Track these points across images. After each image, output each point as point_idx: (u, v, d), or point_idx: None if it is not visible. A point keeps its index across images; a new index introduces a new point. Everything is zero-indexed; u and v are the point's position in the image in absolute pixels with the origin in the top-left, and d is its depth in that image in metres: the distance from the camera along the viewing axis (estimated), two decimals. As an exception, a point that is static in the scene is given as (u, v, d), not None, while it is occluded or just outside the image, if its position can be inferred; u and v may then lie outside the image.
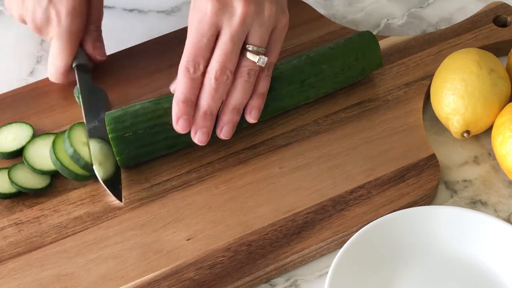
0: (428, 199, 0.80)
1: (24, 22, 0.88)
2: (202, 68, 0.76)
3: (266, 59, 0.77)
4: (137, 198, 0.80)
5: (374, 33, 0.95)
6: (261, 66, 0.78)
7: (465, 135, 0.83)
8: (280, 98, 0.83)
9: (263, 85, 0.80)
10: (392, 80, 0.89)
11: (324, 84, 0.85)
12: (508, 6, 0.94)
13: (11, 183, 0.80)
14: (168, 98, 0.81)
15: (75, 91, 0.87)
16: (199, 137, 0.78)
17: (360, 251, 0.74)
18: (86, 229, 0.78)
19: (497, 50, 0.91)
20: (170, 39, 0.93)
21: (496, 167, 0.83)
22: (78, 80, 0.86)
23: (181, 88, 0.77)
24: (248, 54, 0.77)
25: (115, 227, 0.78)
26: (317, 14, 0.95)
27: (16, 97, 0.89)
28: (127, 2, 1.00)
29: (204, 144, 0.79)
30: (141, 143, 0.80)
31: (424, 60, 0.90)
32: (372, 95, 0.87)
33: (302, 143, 0.84)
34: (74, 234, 0.78)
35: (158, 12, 1.00)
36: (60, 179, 0.81)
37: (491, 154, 0.84)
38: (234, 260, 0.76)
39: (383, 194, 0.79)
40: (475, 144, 0.85)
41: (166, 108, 0.80)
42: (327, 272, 0.73)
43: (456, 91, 0.82)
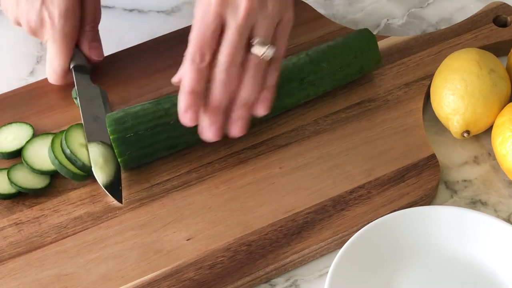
0: (428, 199, 0.80)
1: (19, 25, 0.88)
2: (207, 59, 0.74)
3: (273, 49, 0.76)
4: (137, 198, 0.80)
5: (374, 33, 0.95)
6: (269, 59, 0.77)
7: (465, 135, 0.83)
8: (280, 97, 0.83)
9: (271, 78, 0.78)
10: (392, 80, 0.89)
11: (323, 82, 0.85)
12: (508, 6, 0.94)
13: (11, 183, 0.80)
14: (168, 98, 0.81)
15: (73, 92, 0.87)
16: (209, 133, 0.76)
17: (360, 251, 0.74)
18: (86, 229, 0.78)
19: (497, 50, 0.91)
20: (170, 39, 0.93)
21: (496, 167, 0.83)
22: (75, 81, 0.86)
23: (187, 79, 0.75)
24: (255, 47, 0.76)
25: (115, 227, 0.78)
26: (317, 14, 0.95)
27: (16, 97, 0.89)
28: (127, 2, 1.00)
29: (214, 140, 0.77)
30: (142, 144, 0.80)
31: (424, 60, 0.90)
32: (372, 95, 0.87)
33: (302, 143, 0.84)
34: (74, 234, 0.78)
35: (158, 12, 1.00)
36: (60, 179, 0.81)
37: (491, 154, 0.84)
38: (234, 260, 0.76)
39: (383, 194, 0.79)
40: (475, 144, 0.85)
41: (166, 109, 0.80)
42: (327, 272, 0.73)
43: (456, 91, 0.82)
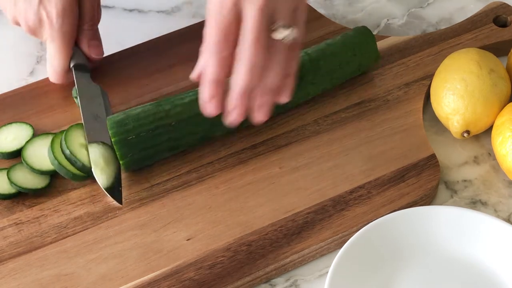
0: (428, 199, 0.80)
1: (18, 24, 0.88)
2: (230, 47, 0.74)
3: (295, 31, 0.75)
4: (137, 198, 0.80)
5: (374, 33, 0.95)
6: (291, 42, 0.75)
7: (465, 135, 0.83)
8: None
9: (293, 65, 0.77)
10: (392, 80, 0.89)
11: (322, 80, 0.85)
12: (508, 6, 0.94)
13: (11, 183, 0.80)
14: (169, 100, 0.81)
15: (73, 91, 0.87)
16: (233, 117, 0.76)
17: (360, 251, 0.74)
18: (86, 229, 0.78)
19: (497, 50, 0.91)
20: (170, 39, 0.93)
21: (496, 167, 0.83)
22: (76, 80, 0.86)
23: (211, 68, 0.74)
24: (277, 31, 0.75)
25: (115, 227, 0.78)
26: (317, 14, 0.95)
27: (16, 97, 0.89)
28: (127, 2, 1.00)
29: (237, 124, 0.77)
30: (143, 145, 0.80)
31: (424, 60, 0.90)
32: (372, 95, 0.87)
33: (302, 143, 0.84)
34: (74, 234, 0.78)
35: (158, 12, 1.00)
36: (60, 179, 0.81)
37: (491, 154, 0.84)
38: (234, 260, 0.76)
39: (383, 194, 0.79)
40: (475, 144, 0.85)
41: (167, 110, 0.80)
42: (327, 272, 0.73)
43: (456, 91, 0.82)
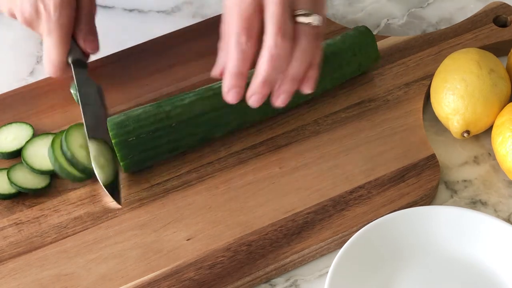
0: (428, 199, 0.80)
1: (13, 16, 0.86)
2: (253, 38, 0.74)
3: (320, 18, 0.75)
4: (137, 198, 0.80)
5: (374, 33, 0.95)
6: (316, 28, 0.75)
7: (465, 135, 0.83)
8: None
9: (317, 54, 0.78)
10: (392, 80, 0.89)
11: (323, 80, 0.84)
12: (508, 6, 0.94)
13: (11, 183, 0.80)
14: (169, 100, 0.81)
15: (71, 87, 0.87)
16: (252, 101, 0.76)
17: (360, 251, 0.74)
18: (86, 229, 0.78)
19: (497, 50, 0.91)
20: (170, 39, 0.93)
21: (496, 167, 0.83)
22: (74, 75, 0.85)
23: (232, 60, 0.74)
24: (300, 19, 0.74)
25: (115, 227, 0.78)
26: (317, 14, 0.95)
27: (16, 97, 0.89)
28: (127, 2, 1.00)
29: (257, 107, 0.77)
30: (144, 147, 0.80)
31: (424, 60, 0.90)
32: (372, 95, 0.87)
33: (302, 143, 0.84)
34: (74, 234, 0.78)
35: (158, 12, 1.00)
36: (60, 179, 0.81)
37: (491, 154, 0.84)
38: (234, 260, 0.76)
39: (383, 194, 0.79)
40: (475, 144, 0.85)
41: (167, 111, 0.80)
42: (327, 272, 0.73)
43: (456, 91, 0.82)
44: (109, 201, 0.80)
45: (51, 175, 0.81)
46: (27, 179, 0.80)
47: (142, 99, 0.87)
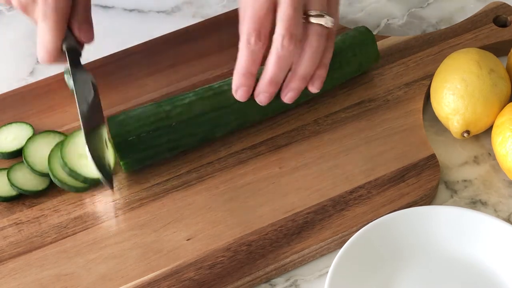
0: (428, 199, 0.80)
1: (8, 2, 0.83)
2: (263, 39, 0.75)
3: (332, 19, 0.76)
4: (137, 198, 0.80)
5: (374, 33, 0.95)
6: (329, 28, 0.76)
7: (465, 135, 0.83)
8: (280, 96, 0.83)
9: (328, 54, 0.79)
10: (392, 80, 0.89)
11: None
12: (508, 6, 0.94)
13: (11, 185, 0.80)
14: (169, 100, 0.81)
15: (65, 74, 0.86)
16: (260, 98, 0.79)
17: (360, 251, 0.74)
18: (86, 229, 0.78)
19: (497, 50, 0.91)
20: (170, 39, 0.93)
21: (496, 167, 0.83)
22: (69, 63, 0.82)
23: (242, 61, 0.76)
24: (313, 19, 0.75)
25: (115, 227, 0.78)
26: (317, 14, 0.95)
27: (16, 97, 0.89)
28: (127, 2, 1.00)
29: (265, 104, 0.80)
30: (144, 146, 0.80)
31: (424, 60, 0.90)
32: (372, 95, 0.87)
33: (302, 143, 0.84)
34: (74, 234, 0.78)
35: (158, 12, 1.00)
36: (60, 179, 0.82)
37: (491, 154, 0.84)
38: (234, 260, 0.76)
39: (383, 194, 0.79)
40: (475, 144, 0.85)
41: (167, 111, 0.80)
42: (327, 272, 0.73)
43: (456, 91, 0.82)
44: (110, 200, 0.80)
45: (51, 175, 0.81)
46: (27, 180, 0.80)
47: (142, 99, 0.87)
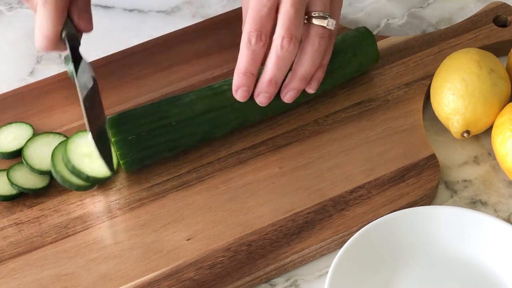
0: (428, 199, 0.80)
1: None
2: (264, 39, 0.75)
3: (334, 21, 0.76)
4: (137, 198, 0.80)
5: (374, 33, 0.95)
6: (331, 30, 0.77)
7: (465, 135, 0.83)
8: (280, 96, 0.83)
9: (327, 56, 0.80)
10: (392, 80, 0.89)
11: (323, 81, 0.84)
12: (508, 6, 0.94)
13: (11, 184, 0.80)
14: (169, 100, 0.81)
15: (65, 61, 0.86)
16: (260, 99, 0.79)
17: (360, 251, 0.74)
18: (86, 229, 0.78)
19: (497, 50, 0.91)
20: (170, 39, 0.93)
21: (496, 167, 0.83)
22: (69, 49, 0.80)
23: (242, 60, 0.76)
24: (315, 21, 0.76)
25: (115, 227, 0.78)
26: (317, 14, 0.95)
27: (16, 97, 0.89)
28: (127, 2, 1.00)
29: (265, 105, 0.80)
30: (143, 145, 0.80)
31: (424, 60, 0.90)
32: (372, 95, 0.87)
33: (302, 143, 0.84)
34: (74, 234, 0.78)
35: (158, 12, 1.00)
36: (60, 179, 0.82)
37: (491, 154, 0.84)
38: (234, 260, 0.76)
39: (383, 194, 0.79)
40: (475, 144, 0.85)
41: (167, 111, 0.80)
42: (327, 272, 0.73)
43: (456, 91, 0.82)
44: (110, 200, 0.80)
45: (51, 175, 0.81)
46: (27, 179, 0.80)
47: (142, 99, 0.87)
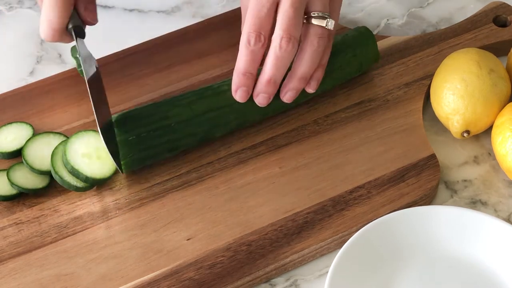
0: (428, 199, 0.80)
1: None
2: (263, 39, 0.75)
3: (333, 22, 0.77)
4: (137, 198, 0.80)
5: (374, 33, 0.95)
6: (330, 30, 0.77)
7: (465, 135, 0.83)
8: (279, 97, 0.83)
9: (325, 55, 0.80)
10: (392, 80, 0.89)
11: (323, 81, 0.84)
12: (508, 6, 0.94)
13: (11, 184, 0.80)
14: (169, 100, 0.81)
15: (72, 50, 0.86)
16: (259, 100, 0.79)
17: (360, 251, 0.74)
18: (86, 229, 0.78)
19: (497, 50, 0.91)
20: (170, 39, 0.93)
21: (496, 167, 0.83)
22: (77, 41, 0.80)
23: (241, 60, 0.76)
24: (314, 21, 0.76)
25: (115, 227, 0.78)
26: (317, 14, 0.95)
27: (16, 97, 0.89)
28: (127, 2, 1.00)
29: (264, 106, 0.80)
30: (144, 146, 0.80)
31: (424, 60, 0.90)
32: (372, 95, 0.87)
33: (302, 143, 0.84)
34: (74, 234, 0.78)
35: (158, 12, 1.00)
36: (60, 179, 0.81)
37: (491, 154, 0.84)
38: (234, 260, 0.76)
39: (383, 194, 0.79)
40: (475, 144, 0.85)
41: (167, 111, 0.80)
42: (327, 272, 0.73)
43: (456, 91, 0.82)
44: (110, 200, 0.80)
45: (51, 175, 0.81)
46: (27, 179, 0.80)
47: (142, 99, 0.87)
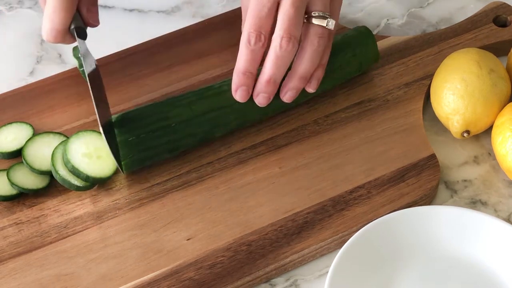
0: (428, 199, 0.80)
1: None
2: (263, 39, 0.75)
3: (334, 21, 0.77)
4: (137, 198, 0.80)
5: (374, 33, 0.95)
6: (331, 30, 0.77)
7: (465, 135, 0.83)
8: (280, 96, 0.83)
9: (326, 55, 0.80)
10: (392, 80, 0.89)
11: (323, 81, 0.84)
12: (508, 6, 0.94)
13: (11, 184, 0.80)
14: (169, 100, 0.81)
15: (74, 51, 0.86)
16: (259, 100, 0.79)
17: (360, 251, 0.74)
18: (86, 229, 0.78)
19: (497, 50, 0.91)
20: (170, 39, 0.93)
21: (496, 167, 0.83)
22: (79, 42, 0.81)
23: (241, 60, 0.76)
24: (315, 20, 0.76)
25: (115, 227, 0.78)
26: (317, 14, 0.95)
27: (16, 97, 0.89)
28: (127, 2, 1.00)
29: (264, 106, 0.80)
30: (144, 146, 0.80)
31: (424, 60, 0.90)
32: (372, 95, 0.87)
33: (302, 143, 0.84)
34: (74, 234, 0.78)
35: (158, 12, 1.00)
36: (60, 179, 0.81)
37: (491, 154, 0.84)
38: (234, 260, 0.76)
39: (383, 194, 0.79)
40: (475, 144, 0.85)
41: (167, 111, 0.80)
42: (327, 272, 0.73)
43: (456, 91, 0.82)
44: (110, 200, 0.80)
45: (51, 175, 0.81)
46: (27, 179, 0.80)
47: (142, 99, 0.87)
